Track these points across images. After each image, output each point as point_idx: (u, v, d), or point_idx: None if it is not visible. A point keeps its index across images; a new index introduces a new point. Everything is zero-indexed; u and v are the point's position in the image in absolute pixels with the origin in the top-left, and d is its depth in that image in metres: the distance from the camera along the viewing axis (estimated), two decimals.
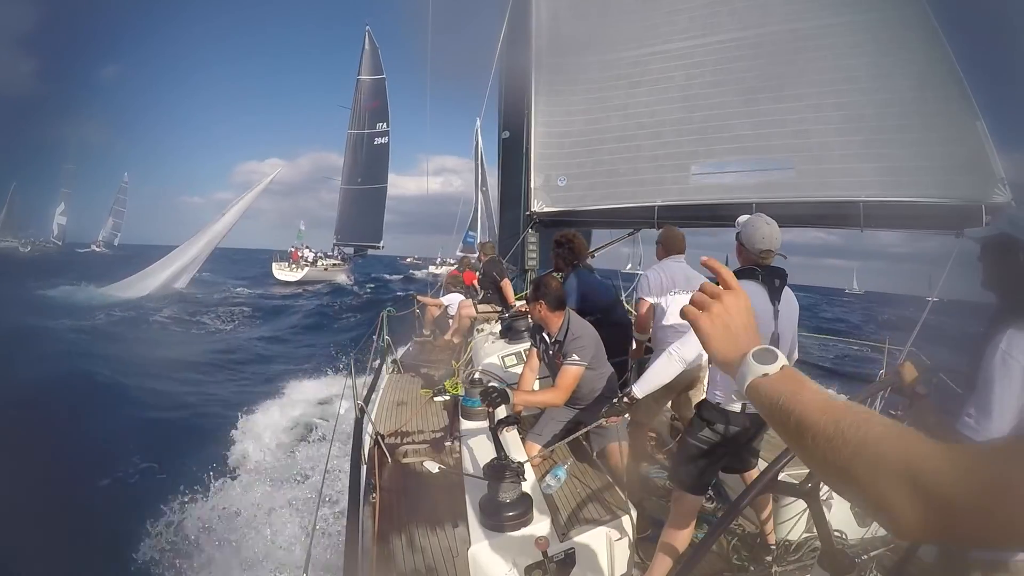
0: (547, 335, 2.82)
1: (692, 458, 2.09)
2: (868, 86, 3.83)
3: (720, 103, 4.31)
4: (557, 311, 2.75)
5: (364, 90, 36.88)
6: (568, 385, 2.61)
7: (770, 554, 2.31)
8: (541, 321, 2.80)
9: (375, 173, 36.54)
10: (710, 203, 4.23)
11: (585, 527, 2.17)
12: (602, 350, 2.83)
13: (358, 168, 36.79)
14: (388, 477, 2.81)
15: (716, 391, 2.07)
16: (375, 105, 36.59)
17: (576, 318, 2.82)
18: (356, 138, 36.85)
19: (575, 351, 2.63)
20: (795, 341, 2.20)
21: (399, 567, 2.10)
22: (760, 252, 2.01)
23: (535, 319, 2.85)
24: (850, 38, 3.92)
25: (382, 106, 36.60)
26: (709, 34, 4.48)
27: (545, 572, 1.75)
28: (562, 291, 2.84)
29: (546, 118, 5.07)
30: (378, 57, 36.88)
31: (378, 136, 36.55)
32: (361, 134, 36.75)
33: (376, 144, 36.52)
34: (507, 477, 1.99)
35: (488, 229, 38.38)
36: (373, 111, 36.59)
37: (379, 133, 36.60)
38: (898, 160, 3.63)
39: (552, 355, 2.81)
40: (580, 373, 2.62)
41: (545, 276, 2.81)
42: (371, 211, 36.37)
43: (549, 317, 2.74)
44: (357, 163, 36.91)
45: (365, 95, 36.87)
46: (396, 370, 5.21)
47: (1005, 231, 1.36)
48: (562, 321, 2.76)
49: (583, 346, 2.65)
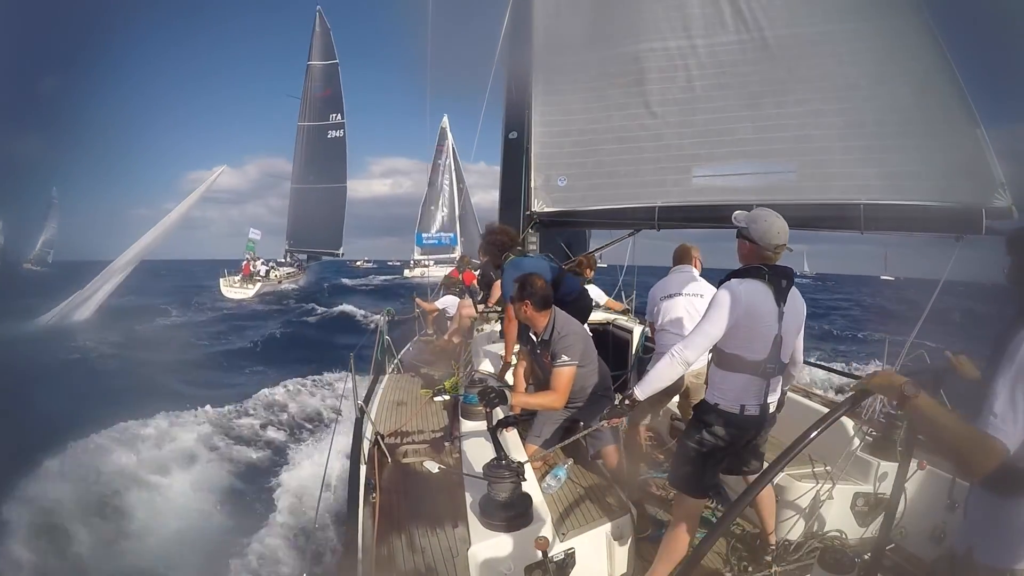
0: (533, 335, 2.81)
1: (691, 461, 2.06)
2: (869, 92, 3.83)
3: (722, 106, 4.31)
4: (543, 310, 2.72)
5: (315, 77, 32.80)
6: (564, 387, 2.59)
7: (770, 554, 2.31)
8: (527, 321, 2.77)
9: (331, 170, 32.39)
10: (711, 204, 4.23)
11: (585, 527, 2.18)
12: (591, 345, 2.82)
13: (311, 165, 32.68)
14: (388, 477, 2.81)
15: (715, 393, 2.03)
16: (327, 93, 32.55)
17: (562, 315, 2.79)
18: (307, 131, 32.86)
19: (563, 351, 2.61)
20: (800, 343, 2.16)
21: (399, 567, 2.10)
22: (776, 247, 1.96)
23: (521, 319, 2.83)
24: (852, 45, 3.92)
25: (335, 94, 32.53)
26: (712, 35, 4.47)
27: (545, 572, 1.75)
28: (548, 290, 2.80)
29: (546, 118, 5.06)
30: (330, 40, 32.86)
31: (332, 128, 32.42)
32: (313, 127, 32.74)
33: (330, 138, 32.44)
34: (507, 477, 1.99)
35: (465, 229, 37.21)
36: (325, 100, 32.54)
37: (333, 125, 32.47)
38: (899, 165, 3.63)
39: (540, 354, 2.80)
40: (573, 373, 2.61)
41: (529, 275, 2.78)
42: (329, 214, 32.25)
43: (535, 316, 2.73)
44: (309, 159, 32.73)
45: (316, 83, 32.80)
46: (396, 370, 5.21)
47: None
48: (548, 320, 2.74)
49: (570, 344, 2.63)
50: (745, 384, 1.96)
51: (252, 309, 23.80)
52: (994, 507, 1.18)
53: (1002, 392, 1.10)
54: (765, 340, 1.93)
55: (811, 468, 2.52)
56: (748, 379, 1.96)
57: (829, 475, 2.49)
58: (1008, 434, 1.07)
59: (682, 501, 2.11)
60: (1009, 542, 1.16)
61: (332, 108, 32.58)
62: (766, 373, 1.96)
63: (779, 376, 2.04)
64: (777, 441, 2.95)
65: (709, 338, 1.93)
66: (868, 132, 3.77)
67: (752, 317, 1.90)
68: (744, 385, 1.96)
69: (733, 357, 1.96)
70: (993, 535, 1.18)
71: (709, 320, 1.93)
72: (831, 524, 2.45)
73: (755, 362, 1.94)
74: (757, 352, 1.93)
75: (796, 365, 2.22)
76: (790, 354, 2.05)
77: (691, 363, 1.96)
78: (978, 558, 1.20)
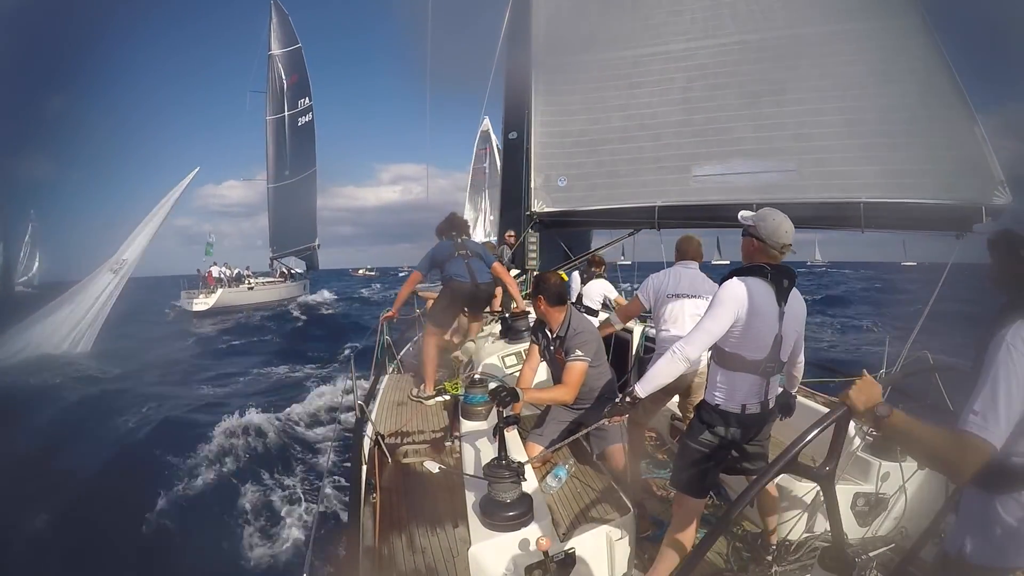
0: (548, 331, 2.83)
1: (693, 461, 2.05)
2: (869, 91, 3.84)
3: (721, 105, 4.32)
4: (557, 307, 2.76)
5: (279, 66, 30.34)
6: (576, 381, 2.61)
7: (770, 554, 2.30)
8: (542, 316, 2.82)
9: (303, 159, 30.01)
10: (710, 204, 4.23)
11: (585, 527, 2.17)
12: (603, 348, 2.84)
13: (285, 159, 30.05)
14: (388, 477, 2.81)
15: (715, 393, 2.02)
16: (294, 80, 30.25)
17: (577, 314, 2.84)
18: (277, 124, 30.25)
19: (578, 347, 2.63)
20: (800, 343, 2.15)
21: (399, 567, 2.10)
22: (783, 247, 1.96)
23: (538, 315, 2.87)
24: (852, 45, 3.93)
25: (302, 79, 30.28)
26: (711, 36, 4.49)
27: (545, 572, 1.75)
28: (562, 287, 2.86)
29: (546, 118, 5.07)
30: (289, 25, 30.52)
31: (301, 115, 30.09)
32: (283, 118, 30.16)
33: (300, 125, 30.09)
34: (507, 477, 1.99)
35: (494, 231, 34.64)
36: (293, 88, 30.18)
37: (302, 111, 30.11)
38: (898, 163, 3.64)
39: (553, 351, 2.82)
40: (585, 368, 2.63)
41: (545, 272, 2.83)
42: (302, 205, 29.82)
43: (550, 312, 2.76)
44: (282, 153, 30.09)
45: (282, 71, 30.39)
46: (396, 370, 5.21)
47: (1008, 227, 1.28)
48: (563, 317, 2.77)
49: (585, 341, 2.66)
50: (745, 383, 1.96)
51: None
52: (985, 505, 1.18)
53: (983, 389, 1.11)
54: (765, 339, 1.93)
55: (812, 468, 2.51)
56: (748, 378, 1.95)
57: None
58: (991, 431, 1.07)
59: (683, 501, 2.11)
60: (1000, 542, 1.15)
61: (300, 94, 30.18)
62: (766, 372, 1.96)
63: (778, 375, 2.04)
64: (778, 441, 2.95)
65: (711, 335, 1.92)
66: (867, 130, 3.78)
67: (753, 315, 1.90)
68: (744, 384, 1.96)
69: (733, 356, 1.95)
70: (984, 535, 1.18)
71: (711, 317, 1.92)
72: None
73: (755, 361, 1.94)
74: (757, 351, 1.93)
75: (797, 367, 2.22)
76: (789, 353, 2.05)
77: (692, 360, 1.94)
78: (970, 558, 1.19)
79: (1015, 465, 1.13)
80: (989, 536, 1.17)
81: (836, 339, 15.37)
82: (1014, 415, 1.09)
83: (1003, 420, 1.07)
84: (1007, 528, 1.14)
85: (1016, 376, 1.09)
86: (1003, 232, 1.27)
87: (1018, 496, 1.14)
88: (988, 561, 1.17)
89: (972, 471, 1.08)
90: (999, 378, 1.10)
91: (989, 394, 1.10)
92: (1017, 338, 1.11)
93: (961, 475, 1.12)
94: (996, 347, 1.12)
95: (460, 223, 4.33)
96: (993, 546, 1.16)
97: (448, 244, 4.17)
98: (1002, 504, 1.15)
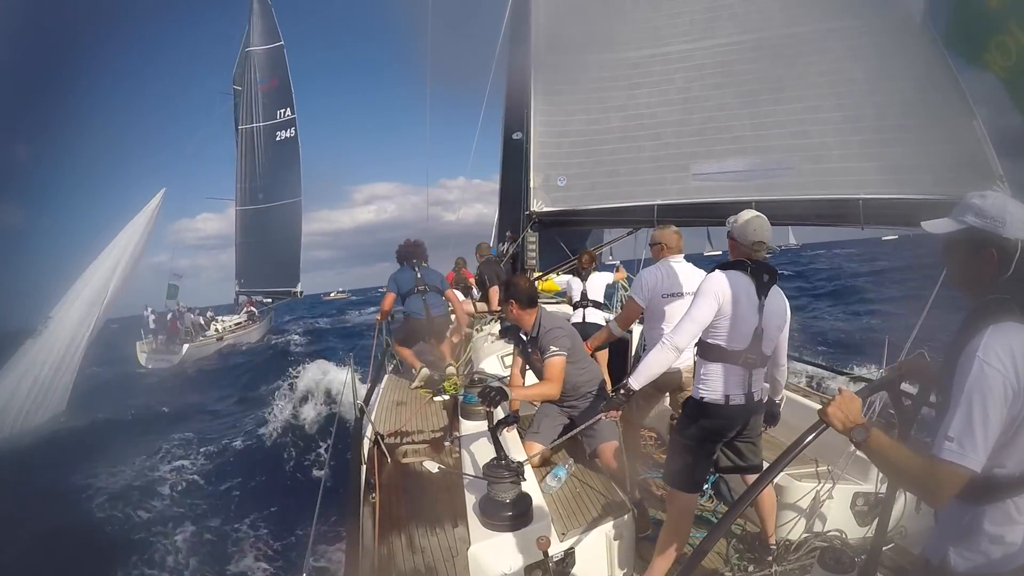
0: (523, 333, 2.88)
1: (681, 456, 2.10)
2: (867, 88, 3.83)
3: (720, 104, 4.32)
4: (529, 309, 2.81)
5: (256, 65, 24.42)
6: (557, 376, 2.65)
7: (770, 554, 2.30)
8: (515, 320, 2.86)
9: (282, 183, 24.03)
10: (710, 202, 4.23)
11: (585, 527, 2.17)
12: (579, 342, 2.88)
13: (258, 179, 24.32)
14: (388, 477, 2.81)
15: (699, 386, 2.07)
16: (273, 84, 24.34)
17: (548, 313, 2.90)
18: (249, 135, 24.41)
19: (551, 343, 2.68)
20: (784, 345, 2.19)
21: (398, 567, 2.10)
22: (753, 244, 2.02)
23: (510, 319, 2.92)
24: (849, 42, 3.93)
25: (283, 85, 24.37)
26: (709, 37, 4.49)
27: (545, 572, 1.75)
28: (532, 289, 2.92)
29: (545, 118, 5.06)
30: (272, 19, 24.74)
31: (281, 128, 24.25)
32: (257, 128, 24.35)
33: (280, 140, 24.27)
34: (507, 477, 1.99)
35: None
36: (271, 93, 24.31)
37: (282, 123, 24.25)
38: (897, 159, 3.63)
39: (530, 352, 2.87)
40: (563, 362, 2.67)
41: (514, 276, 2.87)
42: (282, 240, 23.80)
43: (522, 315, 2.81)
44: (255, 172, 24.37)
45: (259, 72, 24.43)
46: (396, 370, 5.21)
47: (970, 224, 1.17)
48: (534, 318, 2.82)
49: (556, 337, 2.70)
50: (727, 374, 2.01)
51: None
52: (968, 515, 1.13)
53: (958, 413, 1.03)
54: (745, 331, 1.98)
55: (811, 468, 2.52)
56: (730, 368, 2.00)
57: (829, 475, 2.49)
58: (969, 458, 1.00)
59: (675, 497, 2.12)
60: (986, 551, 1.11)
61: (280, 102, 24.31)
62: (747, 363, 2.00)
63: (762, 368, 2.08)
64: (777, 441, 2.95)
65: (697, 323, 1.98)
66: (866, 127, 3.77)
67: (734, 304, 1.96)
68: (726, 375, 2.01)
69: (715, 347, 2.01)
70: (968, 544, 1.13)
71: (696, 306, 1.99)
72: (831, 524, 2.44)
73: (736, 352, 1.99)
74: (738, 342, 1.98)
75: (780, 370, 2.27)
76: (772, 348, 2.09)
77: (682, 349, 2.01)
78: (955, 567, 1.14)
79: (999, 476, 1.08)
80: (973, 545, 1.12)
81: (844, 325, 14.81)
82: (992, 436, 1.02)
83: (980, 444, 1.01)
84: (993, 537, 1.10)
85: (992, 394, 1.01)
86: (965, 231, 1.18)
87: (1003, 505, 1.10)
88: (974, 570, 1.13)
89: (949, 496, 1.05)
90: (973, 399, 1.01)
91: (964, 417, 1.02)
92: (990, 352, 1.02)
93: (939, 502, 1.09)
94: (968, 363, 1.04)
95: (418, 251, 4.81)
96: (979, 555, 1.12)
97: (409, 276, 4.68)
98: (987, 514, 1.11)
